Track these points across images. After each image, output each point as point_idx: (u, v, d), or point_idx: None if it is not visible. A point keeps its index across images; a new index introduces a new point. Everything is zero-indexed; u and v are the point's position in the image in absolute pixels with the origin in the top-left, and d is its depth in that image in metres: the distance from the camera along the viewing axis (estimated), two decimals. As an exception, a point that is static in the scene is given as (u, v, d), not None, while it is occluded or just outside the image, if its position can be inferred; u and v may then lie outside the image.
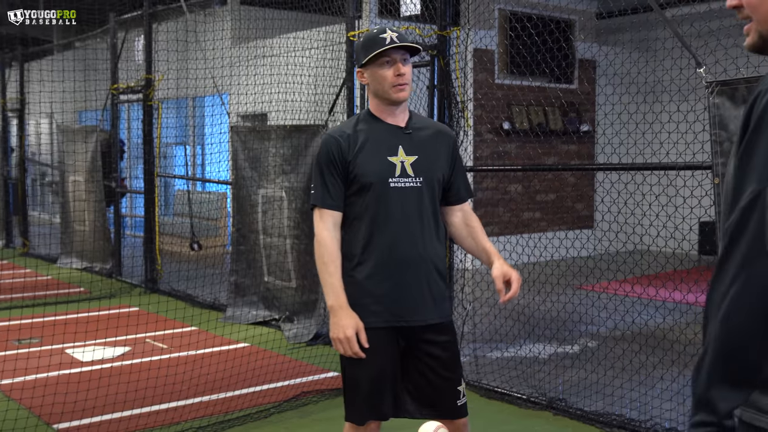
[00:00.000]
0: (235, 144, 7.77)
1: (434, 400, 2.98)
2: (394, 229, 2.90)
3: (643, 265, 8.08)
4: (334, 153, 2.91)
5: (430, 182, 2.95)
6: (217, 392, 5.32)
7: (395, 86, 2.90)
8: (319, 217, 2.94)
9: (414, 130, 3.00)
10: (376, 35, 2.91)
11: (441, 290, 3.04)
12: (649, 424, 4.59)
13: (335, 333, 2.88)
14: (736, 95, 4.00)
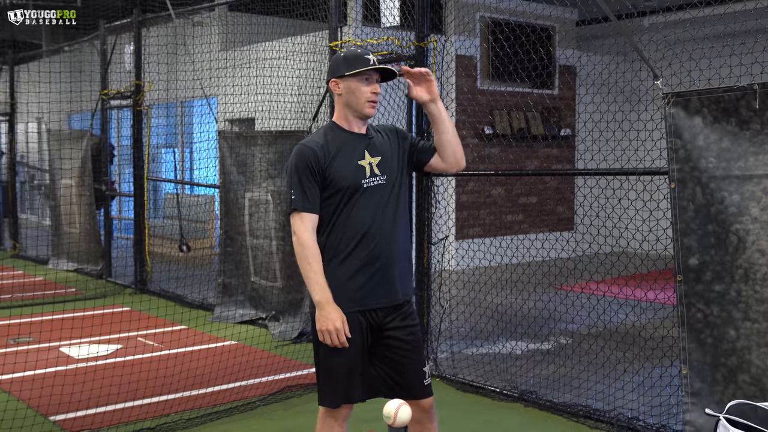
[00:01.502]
0: (223, 149, 8.03)
1: (402, 381, 3.28)
2: (367, 222, 3.21)
3: (620, 266, 8.36)
4: (311, 161, 3.18)
5: (392, 178, 3.30)
6: (205, 386, 5.58)
7: (369, 102, 3.24)
8: (300, 220, 3.19)
9: (373, 135, 3.34)
10: (360, 54, 3.24)
11: (407, 273, 3.37)
12: (613, 414, 4.88)
13: (323, 325, 3.14)
14: (690, 106, 4.29)
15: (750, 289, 4.10)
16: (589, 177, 12.24)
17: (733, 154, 4.14)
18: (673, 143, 4.36)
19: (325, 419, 3.38)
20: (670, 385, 5.06)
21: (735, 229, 4.14)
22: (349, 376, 3.22)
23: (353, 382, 3.23)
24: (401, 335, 3.31)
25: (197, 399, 5.32)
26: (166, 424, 4.80)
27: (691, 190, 4.31)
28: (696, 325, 4.34)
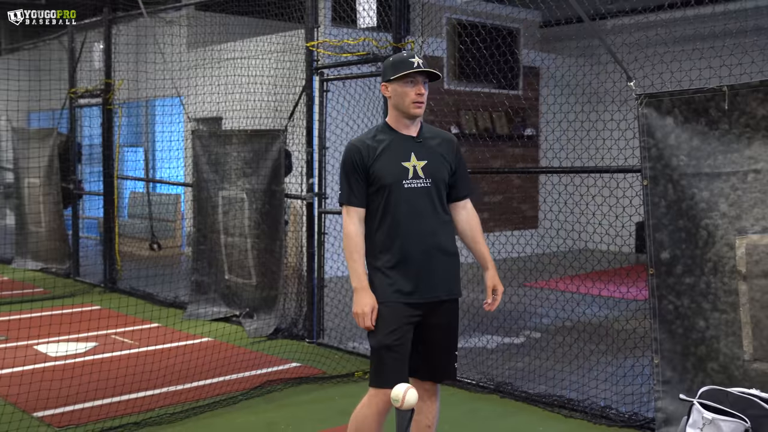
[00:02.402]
0: (196, 148, 8.06)
1: (439, 365, 3.57)
2: (408, 222, 3.42)
3: (583, 263, 8.57)
4: (356, 159, 3.44)
5: (437, 183, 3.49)
6: (186, 382, 5.63)
7: (414, 103, 3.44)
8: (346, 213, 3.46)
9: (424, 139, 3.52)
10: (406, 58, 3.44)
11: (451, 272, 3.55)
12: (586, 403, 5.06)
13: (357, 309, 3.40)
14: (662, 106, 4.48)
15: (719, 281, 4.29)
16: (553, 175, 12.48)
17: (703, 152, 4.33)
18: (646, 142, 4.54)
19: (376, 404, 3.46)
20: (641, 374, 5.26)
21: (705, 224, 4.33)
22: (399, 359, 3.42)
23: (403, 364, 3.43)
24: (444, 324, 3.55)
25: (179, 394, 5.37)
26: (152, 419, 4.86)
27: (663, 187, 4.49)
28: (667, 317, 4.52)
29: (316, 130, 6.81)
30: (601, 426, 4.80)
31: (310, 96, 6.83)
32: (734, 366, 4.27)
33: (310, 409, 5.17)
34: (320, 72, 6.77)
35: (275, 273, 7.29)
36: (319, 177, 6.83)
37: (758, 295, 4.13)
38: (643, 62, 5.08)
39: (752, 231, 4.14)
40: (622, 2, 5.22)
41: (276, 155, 7.16)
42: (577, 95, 7.33)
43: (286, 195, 7.19)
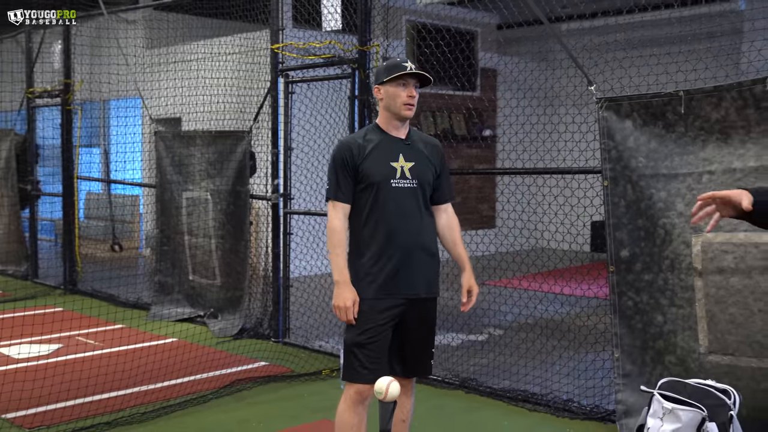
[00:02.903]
0: (159, 149, 8.06)
1: (416, 361, 3.70)
2: (394, 220, 3.53)
3: (541, 261, 8.76)
4: (346, 157, 3.54)
5: (422, 184, 3.61)
6: (154, 382, 5.66)
7: (405, 105, 3.56)
8: (332, 208, 3.56)
9: (412, 142, 3.65)
10: (399, 62, 3.56)
11: (432, 271, 3.67)
12: (549, 397, 5.23)
13: (337, 302, 3.51)
14: (621, 110, 4.65)
15: (676, 277, 4.48)
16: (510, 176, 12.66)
17: (660, 154, 4.52)
18: (606, 144, 4.71)
19: (349, 397, 3.60)
20: (602, 368, 5.44)
21: (662, 223, 4.51)
22: (375, 354, 3.54)
23: (380, 360, 3.55)
24: (423, 321, 3.67)
25: (149, 394, 5.41)
26: (123, 418, 4.89)
27: (623, 187, 4.67)
28: (627, 312, 4.70)
29: (281, 131, 6.88)
30: (564, 419, 4.96)
31: (275, 97, 6.89)
32: (691, 359, 4.46)
33: (280, 406, 5.25)
34: (285, 74, 6.84)
35: (240, 273, 7.33)
36: (284, 178, 6.90)
37: (713, 290, 4.32)
38: (603, 67, 5.26)
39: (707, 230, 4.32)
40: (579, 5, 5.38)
41: (241, 156, 7.21)
42: (539, 98, 7.50)
43: (251, 196, 7.24)
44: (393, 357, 3.65)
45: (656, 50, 5.04)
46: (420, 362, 3.73)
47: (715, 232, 4.30)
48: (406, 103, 3.57)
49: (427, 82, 3.63)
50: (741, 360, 4.27)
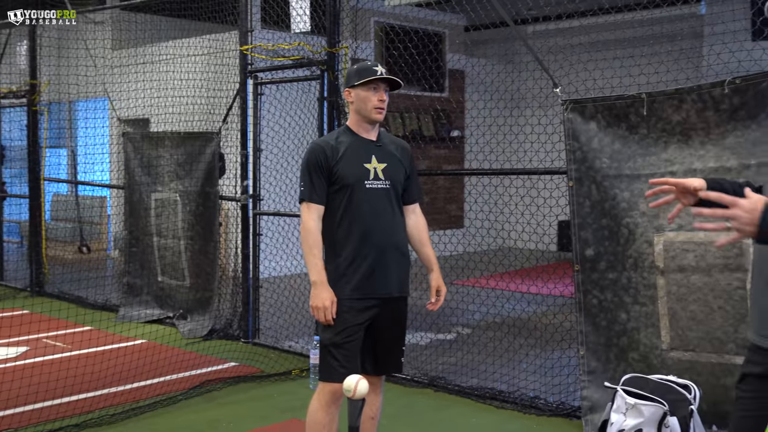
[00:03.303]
0: (127, 150, 8.04)
1: (387, 359, 3.75)
2: (369, 220, 3.58)
3: (508, 261, 8.85)
4: (320, 158, 3.57)
5: (394, 185, 3.67)
6: (124, 384, 5.66)
7: (376, 108, 3.61)
8: (307, 209, 3.59)
9: (383, 144, 3.71)
10: (370, 66, 3.60)
11: (404, 271, 3.73)
12: (516, 394, 5.31)
13: (315, 302, 3.54)
14: (586, 112, 4.75)
15: (639, 276, 4.59)
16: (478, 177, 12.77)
17: (624, 155, 4.62)
18: (571, 145, 4.80)
19: (323, 396, 3.64)
20: (567, 365, 5.53)
21: (626, 223, 4.61)
22: (350, 353, 3.58)
23: (354, 359, 3.60)
24: (395, 320, 3.73)
25: (119, 396, 5.40)
26: (92, 420, 4.88)
27: (588, 188, 4.76)
28: (592, 310, 4.80)
29: (251, 132, 6.90)
30: (531, 415, 5.05)
31: (244, 99, 6.91)
32: (653, 355, 4.57)
33: (250, 406, 5.27)
34: (254, 75, 6.86)
35: (209, 274, 7.34)
36: (253, 179, 6.92)
37: (674, 288, 4.43)
38: (567, 69, 5.35)
39: (669, 229, 4.44)
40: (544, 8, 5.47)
41: (210, 157, 7.21)
42: (505, 100, 7.60)
43: (220, 197, 7.25)
44: (365, 355, 3.70)
45: (620, 53, 5.15)
46: (391, 360, 3.78)
47: (677, 231, 4.41)
48: (376, 107, 3.62)
49: (397, 86, 3.69)
50: (701, 356, 4.38)
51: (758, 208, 2.00)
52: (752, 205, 2.01)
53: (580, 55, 5.59)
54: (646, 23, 5.36)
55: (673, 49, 5.00)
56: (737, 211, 2.02)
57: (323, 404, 3.60)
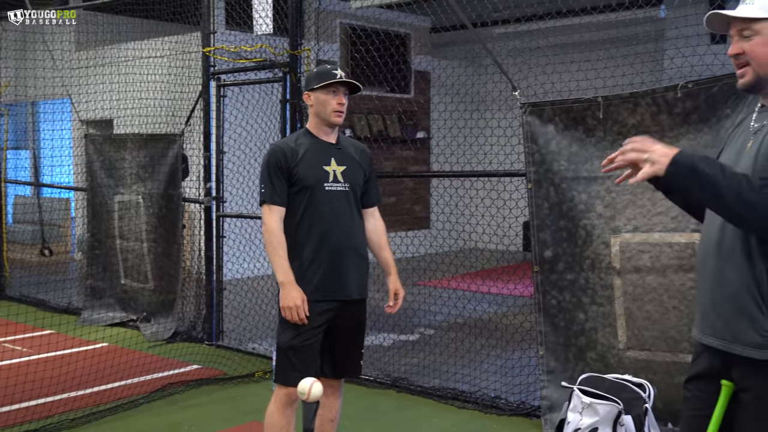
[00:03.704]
0: (89, 152, 7.98)
1: (345, 362, 3.77)
2: (328, 222, 3.60)
3: (473, 261, 8.91)
4: (280, 160, 3.59)
5: (354, 188, 3.70)
6: (84, 388, 5.61)
7: (335, 111, 3.63)
8: (268, 211, 3.60)
9: (342, 146, 3.73)
10: (329, 70, 3.62)
11: (363, 273, 3.75)
12: (478, 394, 5.36)
13: (285, 303, 3.54)
14: (544, 114, 4.81)
15: (596, 276, 4.66)
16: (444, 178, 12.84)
17: (581, 157, 4.68)
18: (530, 148, 4.86)
19: (279, 399, 3.64)
20: (528, 365, 5.59)
21: (583, 224, 4.68)
22: (308, 356, 3.59)
23: (312, 361, 3.60)
24: (354, 323, 3.76)
25: (79, 400, 5.37)
26: (51, 425, 4.85)
27: (546, 190, 4.82)
28: (551, 311, 4.86)
29: (214, 134, 6.89)
30: (492, 415, 5.10)
31: (206, 101, 6.89)
32: (610, 354, 4.64)
33: (213, 409, 5.27)
34: (217, 77, 6.84)
35: (173, 277, 7.30)
36: (216, 181, 6.90)
37: (630, 288, 4.51)
38: (526, 72, 5.41)
39: (625, 230, 4.51)
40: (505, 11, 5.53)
41: (173, 159, 7.18)
42: (466, 101, 7.65)
43: (184, 199, 7.22)
44: (323, 358, 3.72)
45: (577, 56, 5.22)
46: (349, 363, 3.81)
47: (632, 232, 4.48)
48: (335, 110, 3.64)
49: (356, 89, 3.72)
50: (657, 355, 4.46)
51: (649, 143, 2.23)
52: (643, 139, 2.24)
53: (538, 58, 5.66)
54: (605, 26, 5.44)
55: (629, 53, 5.08)
56: (634, 145, 2.24)
57: (279, 407, 3.61)
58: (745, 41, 2.32)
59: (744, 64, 2.33)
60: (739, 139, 2.43)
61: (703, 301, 2.43)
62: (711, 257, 2.39)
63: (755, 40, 2.30)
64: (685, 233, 4.30)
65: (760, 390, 2.29)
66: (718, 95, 4.18)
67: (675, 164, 2.16)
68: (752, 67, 2.31)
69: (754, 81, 2.33)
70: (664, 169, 2.17)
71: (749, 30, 2.31)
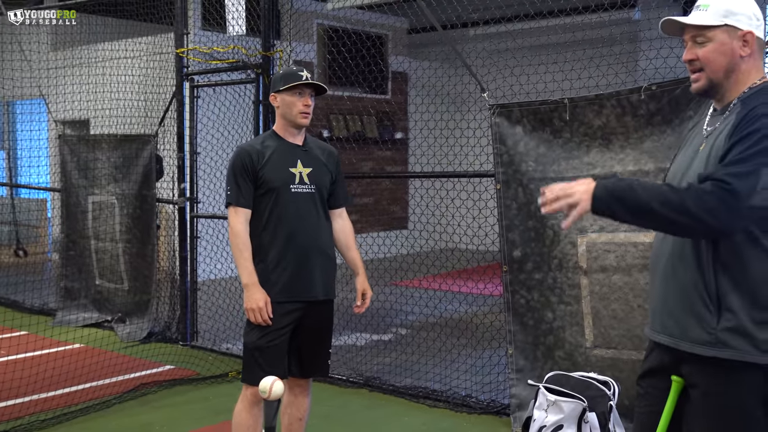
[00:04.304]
0: (64, 152, 7.96)
1: (313, 361, 3.80)
2: (294, 224, 3.63)
3: (445, 261, 8.95)
4: (246, 162, 3.62)
5: (320, 189, 3.73)
6: (57, 389, 5.61)
7: (301, 113, 3.66)
8: (234, 213, 3.63)
9: (309, 148, 3.76)
10: (295, 72, 3.65)
11: (330, 274, 3.79)
12: (449, 393, 5.42)
13: (249, 304, 3.58)
14: (512, 116, 4.86)
15: (564, 276, 4.72)
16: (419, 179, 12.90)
17: (549, 158, 4.74)
18: (498, 149, 4.92)
19: (247, 398, 3.69)
20: (497, 364, 5.65)
21: (551, 225, 4.74)
22: (274, 356, 3.63)
23: (279, 361, 3.64)
24: (321, 323, 3.80)
25: (51, 401, 5.36)
26: (22, 426, 4.84)
27: (514, 190, 4.88)
28: (519, 310, 4.92)
29: (187, 135, 6.90)
30: (463, 413, 5.15)
31: (180, 102, 6.90)
32: (578, 353, 4.70)
33: (185, 409, 5.28)
34: (190, 78, 6.85)
35: (147, 277, 7.30)
36: (190, 182, 6.91)
37: (597, 288, 4.57)
38: (495, 74, 5.47)
39: (591, 230, 4.58)
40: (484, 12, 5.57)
41: (147, 160, 7.18)
42: (445, 102, 7.69)
43: (158, 200, 7.23)
44: (291, 358, 3.75)
45: (544, 59, 5.27)
46: (317, 363, 3.84)
47: (598, 232, 4.55)
48: (302, 112, 3.67)
49: (322, 91, 3.75)
50: (623, 353, 4.52)
51: (568, 187, 2.33)
52: (562, 187, 2.35)
53: (507, 60, 5.72)
54: (579, 28, 5.49)
55: (602, 54, 5.13)
56: (559, 192, 2.34)
57: (247, 406, 3.65)
58: (699, 47, 2.38)
59: (698, 70, 2.39)
60: (694, 141, 2.50)
61: (655, 299, 2.50)
62: (663, 257, 2.45)
63: (708, 46, 2.36)
64: (650, 233, 4.36)
65: (708, 386, 2.35)
66: (680, 97, 4.25)
67: (597, 199, 2.28)
68: (705, 73, 2.38)
69: (707, 86, 2.39)
70: (589, 206, 2.29)
71: (703, 37, 2.37)
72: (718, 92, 2.40)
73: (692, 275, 2.34)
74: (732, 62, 2.35)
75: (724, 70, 2.36)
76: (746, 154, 2.20)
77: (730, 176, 2.19)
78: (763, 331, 2.25)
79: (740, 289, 2.27)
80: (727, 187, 2.17)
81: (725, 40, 2.35)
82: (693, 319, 2.34)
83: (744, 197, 2.17)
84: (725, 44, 2.35)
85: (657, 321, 2.48)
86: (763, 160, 2.19)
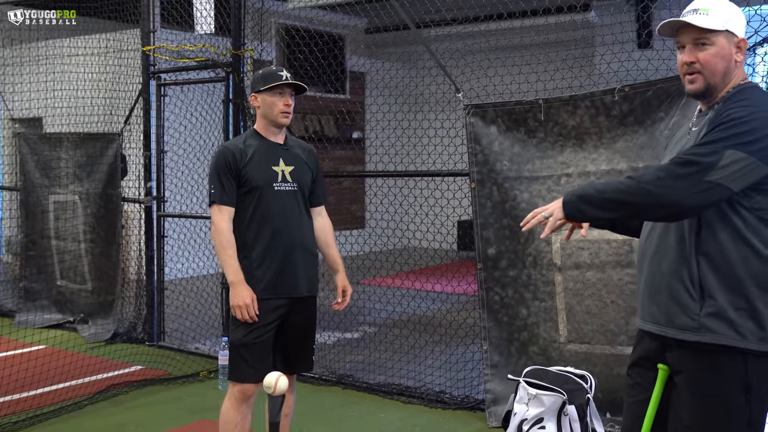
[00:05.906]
0: (23, 150, 7.82)
1: (298, 357, 3.84)
2: (277, 222, 3.65)
3: (408, 259, 9.00)
4: (229, 161, 3.63)
5: (302, 187, 3.77)
6: (25, 391, 5.52)
7: (282, 113, 3.69)
8: (218, 211, 3.64)
9: (290, 147, 3.79)
10: (275, 72, 3.67)
11: (313, 270, 3.82)
12: (423, 389, 5.48)
13: (235, 301, 3.60)
14: (487, 116, 4.95)
15: (538, 273, 4.81)
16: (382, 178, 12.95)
17: (523, 158, 4.84)
18: (473, 148, 4.99)
19: (234, 395, 3.70)
20: (471, 360, 5.73)
21: (525, 223, 4.82)
22: (261, 353, 3.65)
23: (265, 358, 3.67)
24: (304, 320, 3.82)
25: (21, 403, 5.28)
26: (-6, 428, 4.78)
27: (489, 189, 4.96)
28: (494, 307, 5.00)
29: (154, 134, 6.84)
30: (437, 409, 5.22)
31: (147, 100, 6.84)
32: (552, 348, 4.80)
33: (158, 409, 5.25)
34: (157, 76, 6.80)
35: (112, 277, 7.22)
36: (157, 181, 6.85)
37: (571, 284, 4.68)
38: (469, 75, 5.55)
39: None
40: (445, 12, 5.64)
41: (111, 159, 7.10)
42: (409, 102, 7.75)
43: (124, 198, 7.15)
44: (276, 354, 3.78)
45: (518, 60, 5.37)
46: (302, 359, 3.88)
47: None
48: (282, 111, 3.71)
49: (302, 90, 3.78)
50: (596, 348, 4.64)
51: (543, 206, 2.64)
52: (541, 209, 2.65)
53: (481, 61, 5.80)
54: (542, 30, 5.60)
55: (567, 56, 5.25)
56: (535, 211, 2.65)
57: (234, 403, 3.67)
58: (700, 50, 2.46)
59: (695, 72, 2.47)
60: (681, 141, 2.59)
61: (642, 290, 2.60)
62: (650, 250, 2.56)
63: (710, 50, 2.45)
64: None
65: (691, 373, 2.45)
66: (652, 99, 4.37)
67: (566, 204, 2.50)
68: (704, 76, 2.46)
69: (703, 89, 2.48)
70: (561, 213, 2.52)
71: (706, 40, 2.45)
72: (712, 95, 2.49)
73: (677, 265, 2.45)
74: (728, 67, 2.45)
75: (721, 74, 2.45)
76: (712, 137, 2.34)
77: (688, 154, 2.35)
78: (744, 318, 2.36)
79: (722, 276, 2.39)
80: (680, 159, 2.34)
81: (725, 45, 2.44)
82: (678, 306, 2.44)
83: (700, 168, 2.30)
84: (725, 49, 2.44)
85: (645, 310, 2.58)
86: (728, 143, 2.31)
